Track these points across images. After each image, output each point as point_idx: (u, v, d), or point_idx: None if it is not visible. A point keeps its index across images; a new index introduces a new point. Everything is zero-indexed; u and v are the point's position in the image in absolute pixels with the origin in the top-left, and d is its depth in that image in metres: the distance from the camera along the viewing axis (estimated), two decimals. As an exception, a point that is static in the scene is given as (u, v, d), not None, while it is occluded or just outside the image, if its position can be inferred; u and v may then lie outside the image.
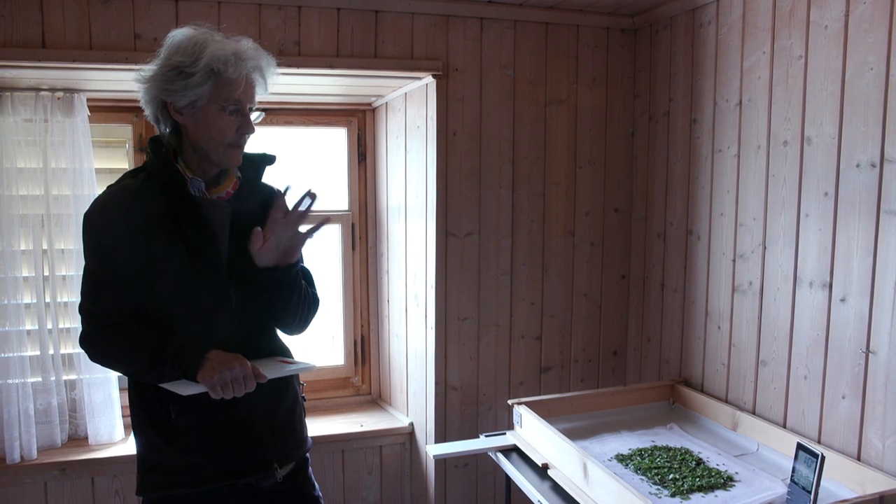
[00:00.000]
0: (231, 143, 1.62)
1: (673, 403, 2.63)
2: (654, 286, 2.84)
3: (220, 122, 1.59)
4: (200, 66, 1.54)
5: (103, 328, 1.60)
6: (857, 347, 1.94)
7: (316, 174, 3.18)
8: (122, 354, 1.59)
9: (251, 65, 1.59)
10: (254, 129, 1.65)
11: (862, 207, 1.92)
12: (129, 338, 1.58)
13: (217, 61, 1.54)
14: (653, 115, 2.81)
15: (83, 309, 1.61)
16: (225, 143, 1.61)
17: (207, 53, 1.54)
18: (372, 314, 3.26)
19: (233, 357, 1.56)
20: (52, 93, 2.54)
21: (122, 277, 1.58)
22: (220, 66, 1.55)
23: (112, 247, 1.57)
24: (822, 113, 2.04)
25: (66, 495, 2.58)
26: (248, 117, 1.63)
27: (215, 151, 1.62)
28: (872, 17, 1.88)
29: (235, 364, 1.54)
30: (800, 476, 1.78)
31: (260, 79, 1.63)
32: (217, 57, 1.54)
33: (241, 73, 1.58)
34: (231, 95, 1.58)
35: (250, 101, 1.63)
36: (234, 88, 1.58)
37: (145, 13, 2.30)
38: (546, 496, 2.00)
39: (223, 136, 1.60)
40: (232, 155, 1.64)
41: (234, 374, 1.52)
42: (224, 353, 1.56)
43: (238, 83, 1.58)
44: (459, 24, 2.63)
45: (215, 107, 1.58)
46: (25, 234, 2.58)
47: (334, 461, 2.88)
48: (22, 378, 2.55)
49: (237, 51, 1.58)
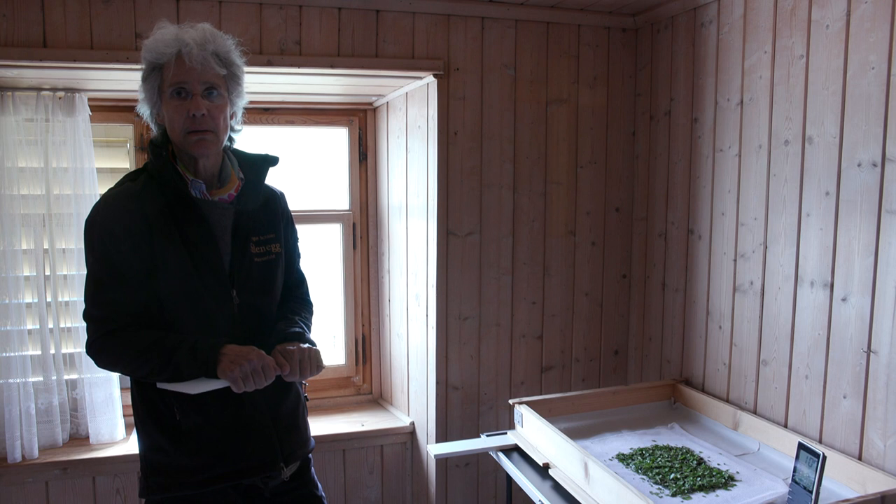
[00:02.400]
0: (187, 129, 1.57)
1: (674, 403, 2.63)
2: (656, 286, 2.84)
3: (171, 110, 1.57)
4: (144, 62, 1.57)
5: (110, 333, 1.58)
6: (859, 347, 1.94)
7: (317, 174, 3.18)
8: (132, 357, 1.57)
9: (188, 45, 1.54)
10: (201, 109, 1.55)
11: (863, 207, 1.92)
12: (137, 340, 1.56)
13: (149, 51, 1.56)
14: (654, 115, 2.80)
15: (88, 315, 1.60)
16: (182, 130, 1.57)
17: (144, 47, 1.56)
18: (373, 314, 3.27)
19: (249, 349, 1.56)
20: (53, 92, 2.54)
21: (126, 281, 1.56)
22: (155, 56, 1.56)
23: (115, 251, 1.56)
24: (823, 112, 2.04)
25: (67, 495, 2.58)
26: (196, 98, 1.56)
27: (179, 143, 1.60)
28: (874, 17, 1.87)
29: (253, 356, 1.54)
30: (801, 476, 1.78)
31: (209, 56, 1.56)
32: (149, 47, 1.56)
33: (175, 54, 1.55)
34: (171, 79, 1.56)
35: (197, 81, 1.56)
36: (171, 72, 1.56)
37: (146, 13, 2.30)
38: (547, 496, 2.00)
39: (177, 124, 1.57)
40: (195, 142, 1.58)
41: (253, 366, 1.52)
42: (239, 346, 1.56)
43: (177, 66, 1.55)
44: (460, 23, 2.63)
45: (165, 96, 1.58)
46: (27, 233, 2.58)
47: (335, 460, 2.89)
48: (23, 377, 2.55)
49: (168, 36, 1.56)
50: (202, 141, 1.58)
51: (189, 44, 1.54)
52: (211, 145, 1.60)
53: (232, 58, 1.63)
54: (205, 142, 1.59)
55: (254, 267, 1.69)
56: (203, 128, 1.57)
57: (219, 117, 1.60)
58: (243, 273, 1.67)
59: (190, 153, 1.60)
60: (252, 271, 1.68)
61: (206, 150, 1.60)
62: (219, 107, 1.60)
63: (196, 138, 1.57)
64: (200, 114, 1.55)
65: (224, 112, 1.62)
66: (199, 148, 1.59)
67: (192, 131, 1.57)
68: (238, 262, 1.66)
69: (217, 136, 1.61)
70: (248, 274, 1.67)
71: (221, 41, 1.60)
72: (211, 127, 1.58)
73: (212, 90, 1.59)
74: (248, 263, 1.68)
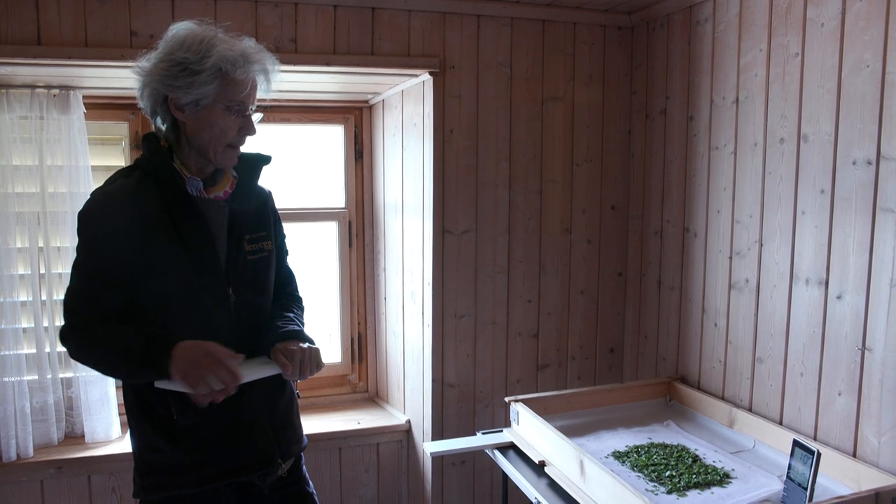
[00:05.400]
0: (231, 143, 1.62)
1: (670, 400, 2.63)
2: (651, 283, 2.84)
3: (223, 121, 1.58)
4: (208, 64, 1.52)
5: (83, 326, 1.57)
6: (853, 344, 1.95)
7: (313, 172, 3.18)
8: (97, 353, 1.57)
9: (258, 67, 1.60)
10: (255, 131, 1.65)
11: (858, 205, 1.92)
12: (103, 336, 1.55)
13: (226, 62, 1.53)
14: (649, 113, 2.81)
15: (66, 304, 1.60)
16: (226, 143, 1.61)
17: (216, 53, 1.53)
18: (369, 312, 3.26)
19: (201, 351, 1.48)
20: (47, 90, 2.53)
21: (107, 280, 1.56)
22: (229, 67, 1.54)
23: (106, 247, 1.56)
24: (818, 110, 2.04)
25: (62, 493, 2.57)
26: (250, 119, 1.63)
27: (214, 150, 1.61)
28: (869, 15, 1.88)
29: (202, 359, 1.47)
30: (796, 473, 1.79)
31: (263, 80, 1.64)
32: (226, 57, 1.53)
33: (248, 75, 1.58)
34: (237, 96, 1.57)
35: (253, 102, 1.63)
36: (240, 90, 1.57)
37: (141, 10, 2.29)
38: (543, 493, 2.00)
39: (225, 136, 1.60)
40: (230, 155, 1.64)
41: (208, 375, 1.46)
42: (191, 348, 1.49)
43: (245, 84, 1.58)
44: (456, 21, 2.63)
45: (219, 106, 1.57)
46: (21, 231, 2.57)
47: (331, 458, 2.88)
48: (18, 376, 2.54)
49: (244, 52, 1.57)
50: (235, 156, 1.66)
51: (265, 70, 1.62)
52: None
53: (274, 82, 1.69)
54: (236, 157, 1.67)
55: (248, 265, 1.69)
56: (243, 144, 1.66)
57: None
58: (238, 271, 1.67)
59: (220, 163, 1.64)
60: (246, 269, 1.68)
61: (234, 162, 1.67)
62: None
63: (234, 153, 1.65)
64: (252, 134, 1.64)
65: None
66: (231, 161, 1.66)
67: (234, 146, 1.63)
68: (233, 260, 1.66)
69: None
70: (242, 272, 1.67)
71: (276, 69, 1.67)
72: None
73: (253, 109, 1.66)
74: (243, 262, 1.68)
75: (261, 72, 1.61)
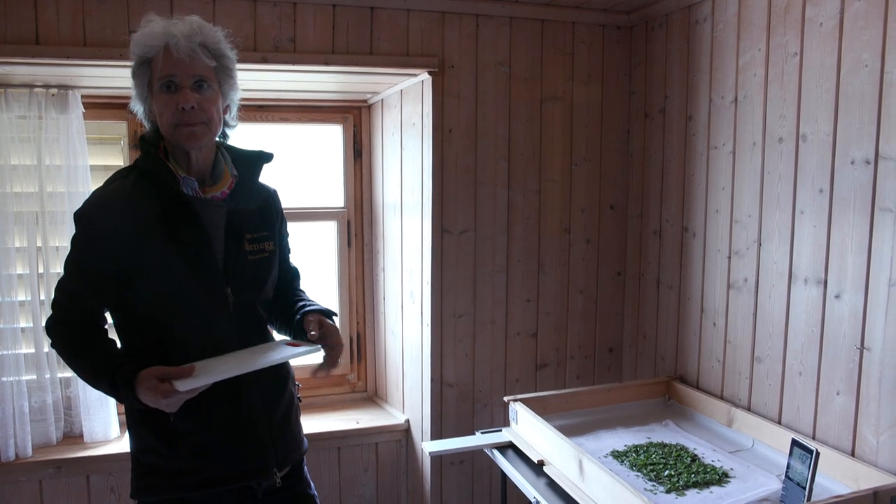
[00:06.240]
0: (175, 122, 1.54)
1: (668, 400, 2.64)
2: (650, 283, 2.85)
3: (160, 103, 1.55)
4: (133, 57, 1.56)
5: (64, 323, 1.59)
6: (852, 344, 1.95)
7: (312, 171, 3.18)
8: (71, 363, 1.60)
9: (175, 38, 1.52)
10: (189, 101, 1.52)
11: (857, 204, 1.93)
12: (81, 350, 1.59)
13: (137, 45, 1.54)
14: (648, 112, 2.81)
15: (53, 298, 1.61)
16: (171, 124, 1.55)
17: (132, 41, 1.54)
18: (368, 311, 3.26)
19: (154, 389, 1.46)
20: (46, 89, 2.53)
21: (95, 282, 1.56)
22: (143, 50, 1.54)
23: (94, 250, 1.55)
24: (817, 110, 2.04)
25: (61, 493, 2.57)
26: (185, 91, 1.52)
27: (169, 136, 1.57)
28: (867, 15, 1.88)
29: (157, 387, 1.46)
30: (794, 472, 1.79)
31: (197, 48, 1.54)
32: (137, 41, 1.54)
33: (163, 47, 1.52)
34: (160, 72, 1.54)
35: (186, 74, 1.53)
36: (161, 66, 1.53)
37: (140, 10, 2.29)
38: (542, 493, 2.00)
39: (164, 118, 1.55)
40: (184, 134, 1.55)
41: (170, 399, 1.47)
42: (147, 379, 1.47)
43: (165, 59, 1.52)
44: (455, 20, 2.63)
45: (155, 91, 1.56)
46: (20, 231, 2.57)
47: (330, 458, 2.88)
48: (17, 376, 2.54)
49: (156, 29, 1.54)
50: (192, 133, 1.55)
51: (176, 36, 1.52)
52: (202, 136, 1.57)
53: (222, 49, 1.60)
54: (195, 134, 1.56)
55: (248, 265, 1.67)
56: (193, 121, 1.55)
57: (211, 109, 1.57)
58: (237, 271, 1.65)
59: (181, 146, 1.58)
60: (246, 269, 1.67)
61: (197, 141, 1.57)
62: (210, 99, 1.57)
63: (187, 131, 1.55)
64: (189, 107, 1.53)
65: (216, 104, 1.59)
66: (190, 140, 1.56)
67: (182, 124, 1.54)
68: (232, 260, 1.64)
69: (209, 128, 1.58)
70: (242, 272, 1.66)
71: (210, 32, 1.58)
72: (202, 119, 1.56)
73: (202, 83, 1.56)
74: (242, 261, 1.66)
75: (182, 39, 1.51)
